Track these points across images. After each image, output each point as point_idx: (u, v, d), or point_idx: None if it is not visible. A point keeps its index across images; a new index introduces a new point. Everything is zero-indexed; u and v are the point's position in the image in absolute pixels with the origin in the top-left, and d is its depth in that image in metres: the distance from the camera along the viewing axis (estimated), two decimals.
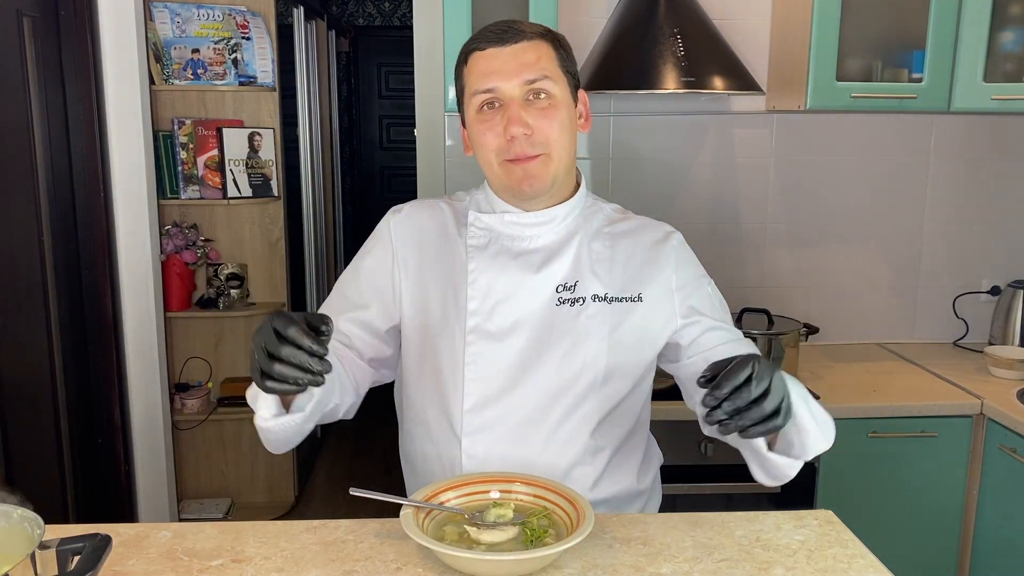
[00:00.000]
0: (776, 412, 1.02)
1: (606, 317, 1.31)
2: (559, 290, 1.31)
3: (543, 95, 1.25)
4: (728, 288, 2.63)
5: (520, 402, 1.29)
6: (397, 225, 1.37)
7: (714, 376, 1.02)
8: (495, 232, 1.33)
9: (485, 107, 1.27)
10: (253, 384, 1.12)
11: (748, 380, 1.00)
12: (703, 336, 1.33)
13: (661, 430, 1.57)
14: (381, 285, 1.35)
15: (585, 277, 1.31)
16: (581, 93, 1.33)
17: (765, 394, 1.01)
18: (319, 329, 1.01)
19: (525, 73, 1.24)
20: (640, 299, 1.33)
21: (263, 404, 1.10)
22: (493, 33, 1.26)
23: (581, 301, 1.30)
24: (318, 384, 1.01)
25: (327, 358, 1.00)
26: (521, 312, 1.30)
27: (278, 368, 0.98)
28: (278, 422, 1.11)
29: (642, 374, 1.38)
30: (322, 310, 1.34)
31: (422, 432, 1.37)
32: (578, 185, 1.37)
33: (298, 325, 0.99)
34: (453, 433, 1.31)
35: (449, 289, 1.33)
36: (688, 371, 1.35)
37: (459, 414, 1.30)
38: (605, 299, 1.31)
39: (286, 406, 1.12)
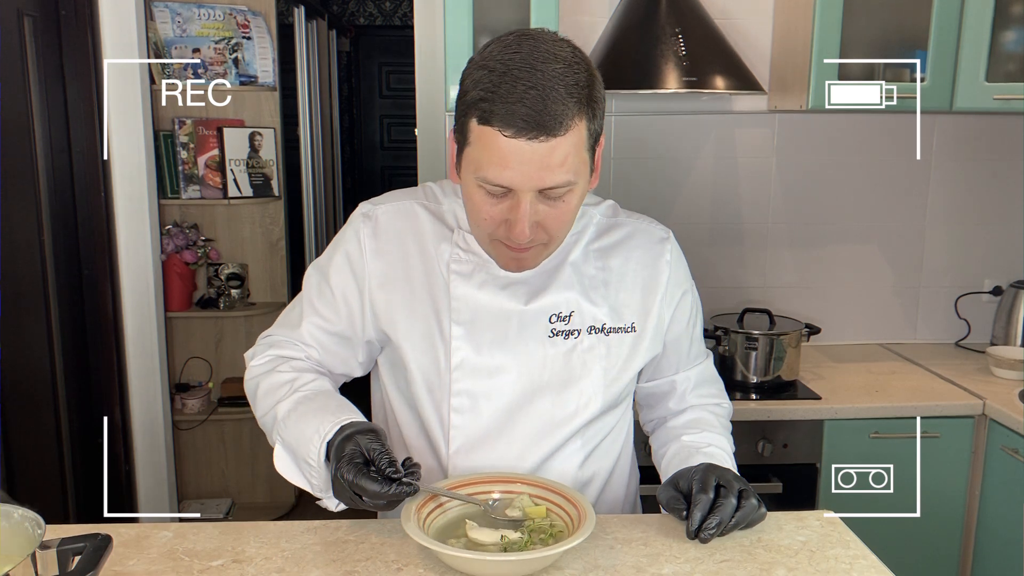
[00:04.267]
0: (748, 502, 1.15)
1: (602, 352, 1.25)
2: (552, 320, 1.23)
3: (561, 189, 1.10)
4: (729, 288, 2.67)
5: (509, 444, 1.24)
6: (369, 238, 1.26)
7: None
8: (482, 258, 1.23)
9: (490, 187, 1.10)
10: (285, 457, 1.16)
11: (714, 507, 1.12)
12: (664, 363, 1.36)
13: None
14: (352, 304, 1.26)
15: (580, 305, 1.24)
16: (599, 147, 1.15)
17: (736, 498, 1.13)
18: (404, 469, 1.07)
19: (548, 179, 1.07)
20: (633, 328, 1.27)
21: (328, 498, 1.14)
22: (523, 117, 1.03)
23: (576, 334, 1.23)
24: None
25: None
26: (511, 347, 1.22)
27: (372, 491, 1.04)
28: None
29: (630, 396, 1.36)
30: (294, 319, 1.31)
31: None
32: None
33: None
34: (440, 468, 1.27)
35: (431, 314, 1.23)
36: (639, 392, 1.41)
37: (445, 453, 1.25)
38: (602, 331, 1.25)
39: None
